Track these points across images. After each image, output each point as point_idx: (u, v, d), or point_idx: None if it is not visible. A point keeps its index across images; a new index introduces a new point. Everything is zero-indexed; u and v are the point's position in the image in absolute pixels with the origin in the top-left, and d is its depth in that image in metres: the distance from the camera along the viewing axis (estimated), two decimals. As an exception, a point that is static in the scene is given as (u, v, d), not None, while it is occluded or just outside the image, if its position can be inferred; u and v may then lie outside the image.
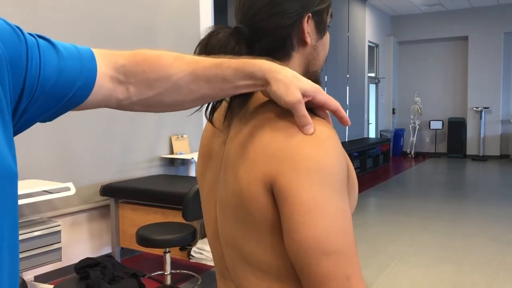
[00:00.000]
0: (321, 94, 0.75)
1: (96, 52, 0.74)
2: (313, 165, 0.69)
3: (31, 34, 0.67)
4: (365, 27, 10.48)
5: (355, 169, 8.67)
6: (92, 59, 0.72)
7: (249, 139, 0.76)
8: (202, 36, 0.82)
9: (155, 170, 4.40)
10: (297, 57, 0.84)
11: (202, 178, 0.92)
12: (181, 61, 0.75)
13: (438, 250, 4.43)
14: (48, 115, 0.70)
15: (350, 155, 8.27)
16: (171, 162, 4.58)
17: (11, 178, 0.59)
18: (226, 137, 0.84)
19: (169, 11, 4.49)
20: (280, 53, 0.82)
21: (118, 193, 3.72)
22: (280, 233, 0.72)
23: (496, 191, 7.55)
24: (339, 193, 0.70)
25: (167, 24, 4.46)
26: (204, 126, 0.97)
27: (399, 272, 3.85)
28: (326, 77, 8.51)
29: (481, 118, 11.33)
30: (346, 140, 9.70)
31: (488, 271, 3.84)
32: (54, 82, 0.67)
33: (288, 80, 0.72)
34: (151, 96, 0.76)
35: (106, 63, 0.74)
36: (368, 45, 10.79)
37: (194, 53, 0.81)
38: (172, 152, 4.54)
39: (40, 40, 0.67)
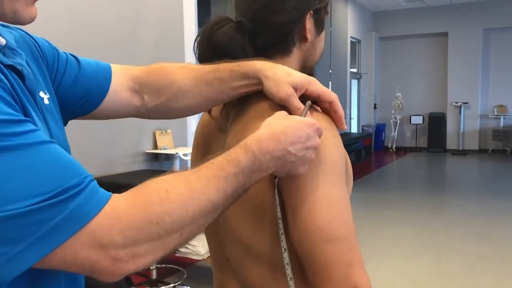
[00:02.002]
0: (314, 85, 0.77)
1: (116, 66, 0.89)
2: (316, 157, 0.71)
3: (64, 52, 0.85)
4: (347, 22, 10.55)
5: (338, 163, 8.76)
6: (108, 71, 0.87)
7: (249, 129, 0.77)
8: (188, 27, 0.84)
9: (139, 165, 4.38)
10: (297, 52, 0.87)
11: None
12: (184, 69, 0.85)
13: (419, 242, 4.52)
14: (65, 116, 0.82)
15: (332, 150, 8.33)
16: (155, 157, 4.57)
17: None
18: (225, 125, 0.86)
19: (152, 2, 4.47)
20: (281, 48, 0.85)
21: (102, 188, 3.70)
22: (285, 222, 0.74)
23: (475, 184, 7.71)
24: (340, 183, 0.73)
25: (150, 16, 4.44)
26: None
27: (380, 264, 3.92)
28: (309, 72, 8.56)
29: (460, 113, 11.53)
30: (329, 135, 9.77)
31: (466, 262, 3.94)
32: (71, 85, 0.83)
33: (278, 77, 0.75)
34: (161, 103, 0.87)
35: (124, 75, 0.88)
36: (350, 41, 10.87)
37: (194, 43, 0.84)
38: (156, 147, 4.53)
39: (69, 56, 0.85)
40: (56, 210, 0.52)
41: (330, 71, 9.71)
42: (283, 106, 0.76)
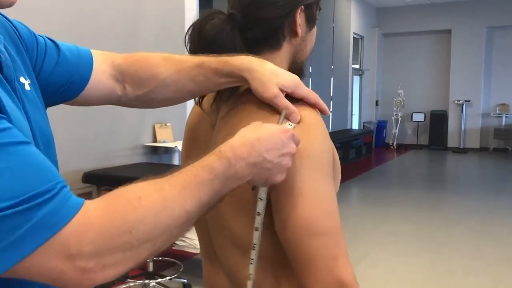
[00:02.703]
0: (299, 89, 0.78)
1: (97, 52, 0.87)
2: (302, 151, 0.72)
3: (41, 36, 0.82)
4: (350, 18, 10.51)
5: (338, 159, 8.74)
6: (89, 57, 0.85)
7: (238, 125, 0.77)
8: (194, 20, 0.83)
9: (138, 158, 4.38)
10: (287, 47, 0.87)
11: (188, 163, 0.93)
12: (168, 62, 0.84)
13: (417, 239, 4.52)
14: (46, 102, 0.79)
15: (333, 146, 8.32)
16: (155, 150, 4.56)
17: (53, 143, 0.75)
18: (215, 120, 0.86)
19: (153, -3, 4.45)
20: (271, 42, 0.85)
21: (101, 180, 3.70)
22: (270, 216, 0.75)
23: (475, 183, 7.70)
24: (326, 177, 0.74)
25: (152, 10, 4.42)
26: (187, 114, 0.98)
27: (378, 260, 3.92)
28: (310, 68, 8.53)
29: (462, 111, 11.50)
30: (330, 130, 9.75)
31: (465, 260, 3.93)
32: (51, 72, 0.80)
33: (265, 77, 0.75)
34: (143, 94, 0.86)
35: (106, 62, 0.86)
36: (353, 37, 10.83)
37: (186, 35, 0.84)
38: (155, 140, 4.52)
39: (47, 40, 0.82)
40: (24, 217, 0.50)
41: (332, 66, 9.68)
42: (271, 106, 0.76)
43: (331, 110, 9.75)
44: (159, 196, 0.58)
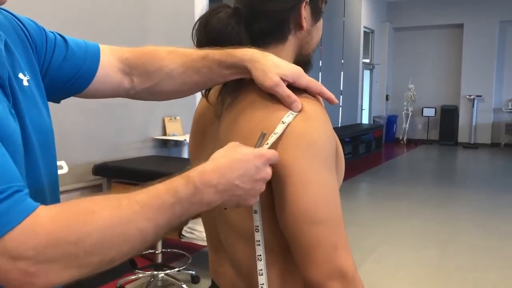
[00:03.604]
0: (301, 78, 0.79)
1: (105, 47, 0.89)
2: (303, 140, 0.73)
3: (51, 32, 0.85)
4: (361, 12, 10.45)
5: (347, 154, 8.72)
6: (97, 51, 0.87)
7: (242, 115, 0.79)
8: (201, 14, 0.85)
9: (148, 151, 4.42)
10: (292, 40, 0.87)
11: (196, 156, 0.95)
12: (174, 55, 0.86)
13: (425, 234, 4.51)
14: (57, 95, 0.84)
15: (342, 140, 8.30)
16: (164, 143, 4.60)
17: (52, 136, 0.79)
18: (220, 112, 0.87)
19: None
20: (276, 36, 0.85)
21: (111, 172, 3.74)
22: (271, 206, 0.76)
23: (485, 178, 7.65)
24: (328, 167, 0.74)
25: (162, 4, 4.45)
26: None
27: (386, 255, 3.93)
28: (320, 62, 8.51)
29: (473, 106, 11.41)
30: (339, 125, 9.74)
31: (472, 255, 3.93)
32: (60, 66, 0.82)
33: (266, 67, 0.76)
34: (150, 86, 0.88)
35: (114, 56, 0.88)
36: (364, 31, 10.77)
37: (193, 29, 0.85)
38: (165, 134, 4.56)
39: (57, 35, 0.85)
40: None
41: (342, 61, 9.65)
42: (272, 95, 0.77)
43: (340, 104, 9.72)
44: (114, 213, 0.58)
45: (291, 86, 0.78)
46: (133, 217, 0.59)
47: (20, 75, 0.73)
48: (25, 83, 0.73)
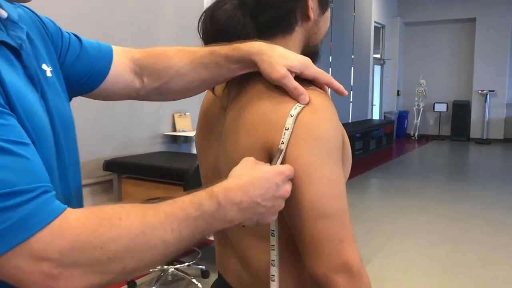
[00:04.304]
0: (309, 69, 0.78)
1: (117, 48, 0.91)
2: (309, 132, 0.72)
3: (66, 32, 0.87)
4: (371, 7, 10.37)
5: (358, 150, 8.69)
6: (109, 51, 0.89)
7: (248, 107, 0.78)
8: (207, 5, 0.84)
9: (158, 146, 4.45)
10: (299, 31, 0.86)
11: (203, 150, 0.95)
12: (182, 53, 0.86)
13: (436, 230, 4.49)
14: (69, 93, 0.84)
15: (352, 136, 8.28)
16: (174, 139, 4.63)
17: (73, 128, 0.80)
18: (226, 104, 0.87)
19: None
20: (283, 27, 0.84)
21: (121, 168, 3.77)
22: None
23: (498, 174, 7.57)
24: (334, 160, 0.73)
25: (171, 0, 4.46)
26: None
27: (395, 251, 3.91)
28: (330, 57, 8.48)
29: (486, 101, 11.28)
30: (350, 121, 9.70)
31: (483, 252, 3.90)
32: (73, 64, 0.85)
33: (273, 59, 0.75)
34: (160, 85, 0.88)
35: (125, 56, 0.90)
36: (374, 26, 10.69)
37: (199, 22, 0.85)
38: (174, 130, 4.58)
39: (71, 35, 0.87)
40: (3, 216, 0.51)
41: (353, 56, 9.59)
42: (279, 87, 0.76)
43: (351, 100, 9.68)
44: (140, 221, 0.58)
45: (299, 78, 0.77)
46: (159, 227, 0.59)
47: (44, 66, 0.74)
48: (49, 74, 0.74)
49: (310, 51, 0.88)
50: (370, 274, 0.75)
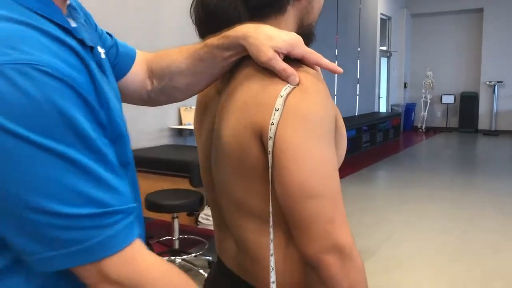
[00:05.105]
0: (296, 49, 0.77)
1: (138, 51, 0.97)
2: (298, 113, 0.71)
3: (100, 29, 0.91)
4: (377, -1, 10.31)
5: (365, 143, 8.67)
6: (134, 50, 0.94)
7: (239, 89, 0.78)
8: None
9: (164, 140, 4.47)
10: (292, 10, 0.84)
11: (199, 133, 0.95)
12: (180, 49, 0.89)
13: (444, 220, 4.47)
14: None
15: (359, 129, 8.26)
16: (180, 132, 4.65)
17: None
18: (222, 88, 0.87)
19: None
20: (275, 7, 0.82)
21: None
22: (269, 180, 0.75)
23: (506, 165, 7.52)
24: (324, 141, 0.72)
25: (175, -6, 4.47)
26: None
27: (404, 240, 3.91)
28: (336, 50, 8.45)
29: (494, 92, 11.19)
30: (356, 114, 9.67)
31: (491, 240, 3.88)
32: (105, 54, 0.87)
33: (259, 41, 0.75)
34: (165, 84, 0.90)
35: (142, 58, 0.94)
36: (380, 18, 10.63)
37: (191, 7, 0.85)
38: (180, 123, 4.60)
39: (104, 31, 0.92)
40: (96, 232, 0.56)
41: (359, 49, 9.55)
42: (268, 69, 0.76)
43: (357, 93, 9.64)
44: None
45: (290, 58, 0.76)
46: None
47: (99, 48, 0.75)
48: (103, 55, 0.76)
49: (305, 31, 0.87)
50: (378, 263, 0.73)
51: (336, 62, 8.40)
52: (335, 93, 8.41)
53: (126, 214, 0.59)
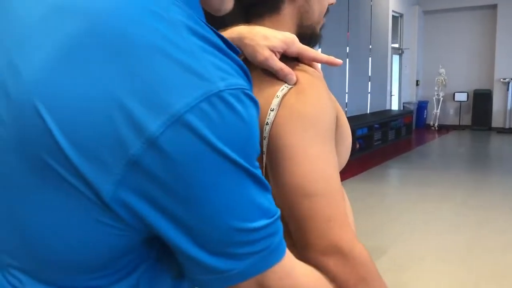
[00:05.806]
0: (292, 47, 0.75)
1: None
2: (295, 112, 0.70)
3: None
4: (389, -4, 10.24)
5: (376, 141, 8.62)
6: None
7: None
8: None
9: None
10: (288, 9, 0.81)
11: None
12: None
13: (456, 218, 4.44)
14: None
15: (371, 127, 8.22)
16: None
17: None
18: None
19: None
20: (270, 6, 0.80)
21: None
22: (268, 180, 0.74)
23: (520, 163, 7.44)
24: (322, 140, 0.70)
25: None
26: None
27: (414, 238, 3.89)
28: (348, 48, 8.41)
29: (508, 90, 11.05)
30: (368, 111, 9.62)
31: (503, 239, 3.85)
32: None
33: (254, 42, 0.74)
34: None
35: None
36: (392, 15, 10.56)
37: None
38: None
39: None
40: (266, 242, 0.53)
41: (370, 46, 9.50)
42: (267, 69, 0.74)
43: (369, 90, 9.59)
44: None
45: (287, 57, 0.75)
46: None
47: None
48: None
49: (305, 32, 0.84)
50: (388, 261, 0.72)
51: (347, 59, 8.37)
52: (347, 91, 8.38)
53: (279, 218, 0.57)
